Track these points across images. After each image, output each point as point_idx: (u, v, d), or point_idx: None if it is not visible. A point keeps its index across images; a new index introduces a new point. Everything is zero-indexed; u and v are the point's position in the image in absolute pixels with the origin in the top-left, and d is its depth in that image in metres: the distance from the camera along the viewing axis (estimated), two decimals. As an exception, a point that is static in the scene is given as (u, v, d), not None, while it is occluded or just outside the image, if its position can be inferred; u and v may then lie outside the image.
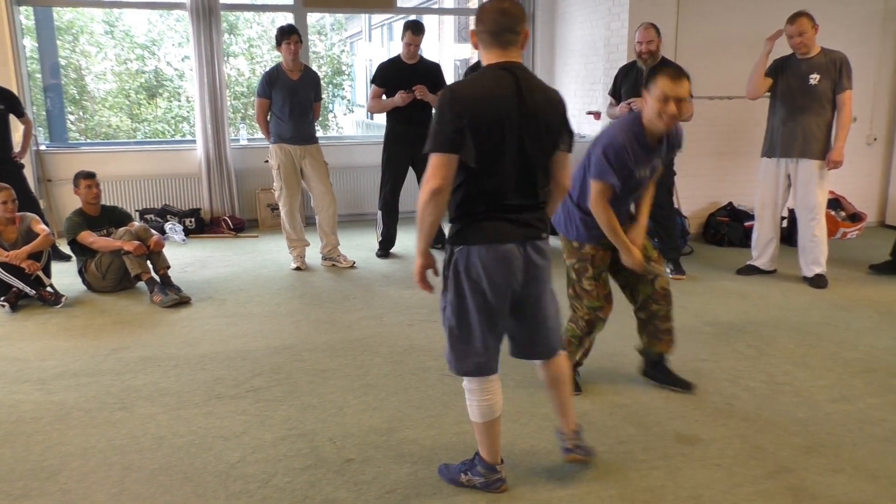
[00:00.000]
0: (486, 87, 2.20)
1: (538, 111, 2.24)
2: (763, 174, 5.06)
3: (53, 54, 7.56)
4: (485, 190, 2.24)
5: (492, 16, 2.22)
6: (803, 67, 4.76)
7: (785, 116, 4.85)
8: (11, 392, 3.35)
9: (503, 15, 2.21)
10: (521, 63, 2.28)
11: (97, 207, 5.06)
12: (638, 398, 3.21)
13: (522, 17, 2.26)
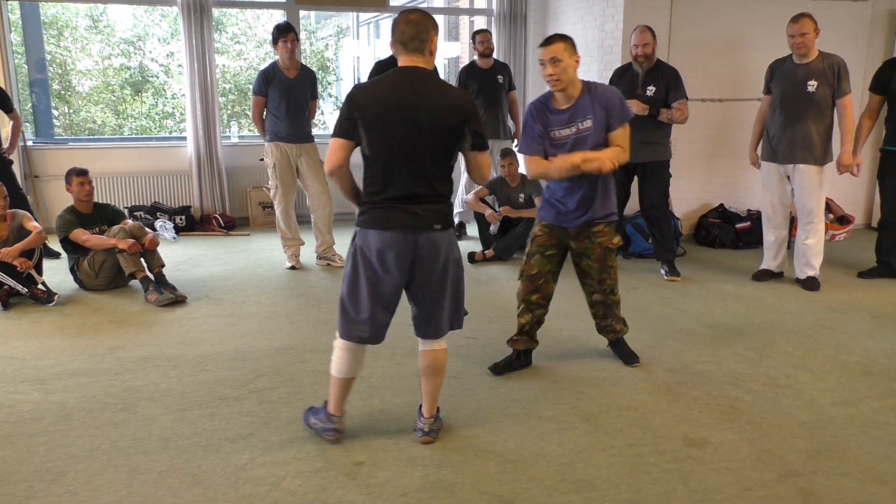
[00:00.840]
0: (381, 89, 2.55)
1: (430, 112, 2.51)
2: (765, 178, 5.08)
3: (40, 49, 7.45)
4: (377, 178, 2.58)
5: (401, 27, 2.55)
6: (800, 73, 4.75)
7: (784, 123, 4.83)
8: (10, 392, 3.29)
9: (410, 25, 2.54)
10: (425, 68, 2.57)
11: (89, 205, 5.00)
12: (644, 401, 3.23)
13: (428, 27, 2.55)
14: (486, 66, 6.28)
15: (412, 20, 2.53)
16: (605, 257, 3.40)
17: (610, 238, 3.40)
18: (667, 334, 4.09)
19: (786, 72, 4.83)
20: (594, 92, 3.17)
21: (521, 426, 2.98)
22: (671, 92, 5.03)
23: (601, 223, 3.35)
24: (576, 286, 4.96)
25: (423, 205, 2.58)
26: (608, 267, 3.44)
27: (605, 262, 3.41)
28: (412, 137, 2.52)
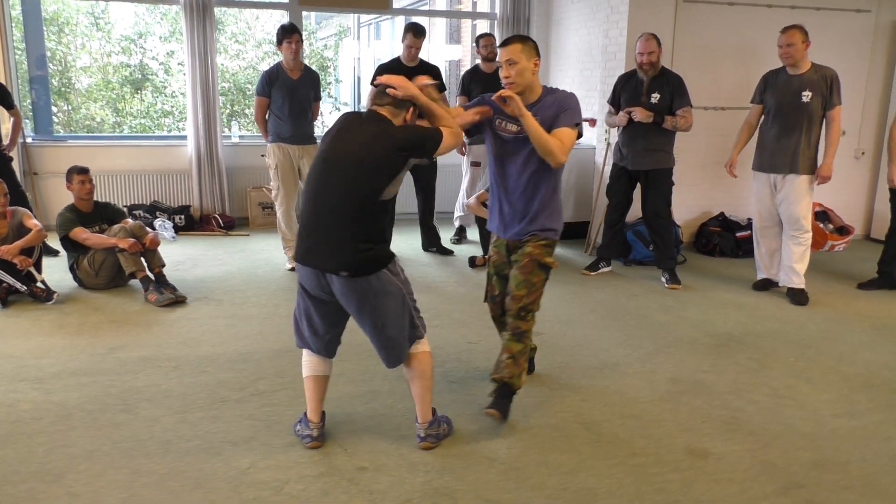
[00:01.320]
0: (332, 126, 2.70)
1: (346, 154, 2.55)
2: (757, 188, 5.11)
3: (40, 46, 7.41)
4: (301, 210, 2.74)
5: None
6: (795, 84, 4.78)
7: (778, 133, 4.85)
8: (9, 391, 3.27)
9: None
10: (375, 111, 2.66)
11: (90, 203, 4.97)
12: (646, 410, 3.23)
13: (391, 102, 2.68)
14: (490, 70, 6.27)
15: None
16: (531, 271, 3.00)
17: (543, 254, 3.03)
18: (668, 342, 4.09)
19: (781, 83, 4.85)
20: (552, 96, 2.96)
21: (523, 433, 2.97)
22: (676, 99, 5.04)
23: (537, 237, 3.03)
24: (576, 292, 5.00)
25: (326, 246, 2.55)
26: (530, 283, 2.99)
27: (528, 275, 2.99)
28: (327, 181, 2.57)
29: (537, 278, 3.02)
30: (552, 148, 2.84)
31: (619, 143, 5.35)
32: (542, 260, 3.02)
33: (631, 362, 3.78)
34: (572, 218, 6.75)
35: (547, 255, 3.05)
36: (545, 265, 3.04)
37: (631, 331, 4.28)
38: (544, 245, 3.04)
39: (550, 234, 3.06)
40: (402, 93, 2.65)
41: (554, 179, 3.04)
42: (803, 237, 4.87)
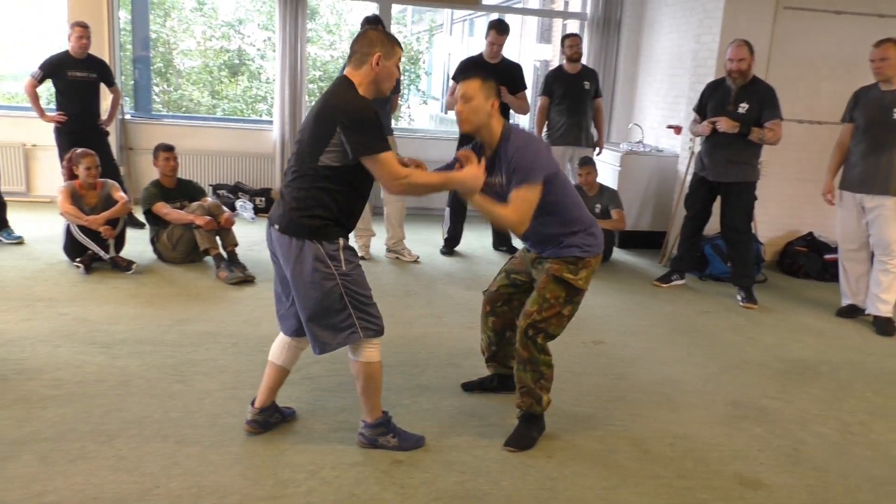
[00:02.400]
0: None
1: (312, 115, 2.55)
2: (843, 208, 4.82)
3: (145, 28, 7.77)
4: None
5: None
6: (887, 100, 4.49)
7: (866, 151, 4.58)
8: (79, 353, 3.44)
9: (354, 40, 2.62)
10: (343, 76, 2.57)
11: (173, 180, 5.18)
12: (700, 432, 3.08)
13: (361, 39, 2.57)
14: (574, 72, 6.15)
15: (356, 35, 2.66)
16: (545, 285, 2.79)
17: (563, 269, 2.80)
18: (734, 364, 3.91)
19: (871, 99, 4.57)
20: (509, 143, 2.70)
21: (566, 443, 2.89)
22: (765, 111, 4.80)
23: (559, 255, 2.83)
24: (644, 303, 4.85)
25: (284, 202, 2.58)
26: (543, 298, 2.78)
27: (542, 289, 2.80)
28: (300, 137, 2.60)
29: (552, 294, 2.78)
30: (507, 224, 2.70)
31: (701, 153, 5.15)
32: (560, 274, 2.79)
33: (691, 381, 3.63)
34: (649, 227, 6.56)
35: (568, 270, 2.80)
36: (564, 280, 2.79)
37: (696, 348, 4.11)
38: (566, 262, 2.81)
39: (574, 251, 2.81)
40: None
41: (563, 214, 2.81)
42: (892, 263, 4.56)
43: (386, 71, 2.56)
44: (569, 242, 2.81)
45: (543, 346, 2.81)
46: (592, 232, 2.88)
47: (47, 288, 4.37)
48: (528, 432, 2.86)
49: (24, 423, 2.76)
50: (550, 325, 2.79)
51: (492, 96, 2.71)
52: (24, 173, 6.76)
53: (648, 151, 6.57)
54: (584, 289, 2.85)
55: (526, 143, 2.70)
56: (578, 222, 2.85)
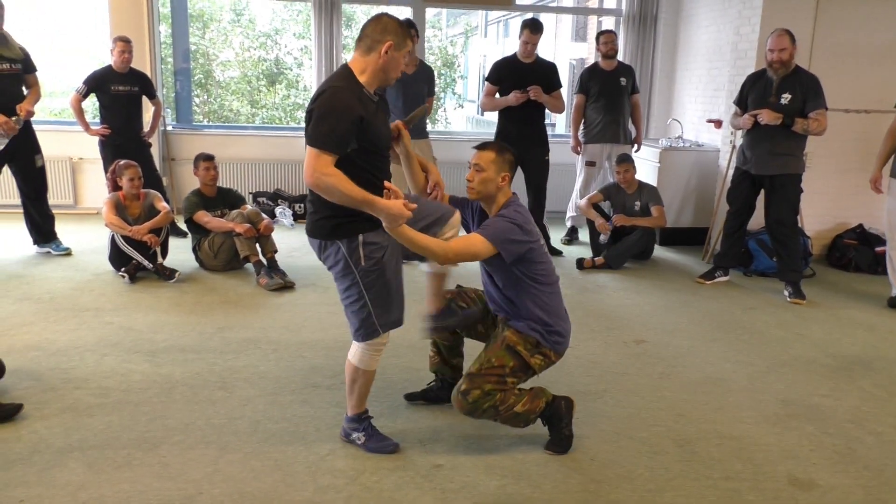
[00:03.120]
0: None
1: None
2: (893, 196, 4.66)
3: (185, 40, 7.93)
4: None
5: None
6: None
7: None
8: (124, 361, 3.51)
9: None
10: (345, 65, 2.55)
11: (213, 189, 5.26)
12: (748, 431, 3.00)
13: (374, 24, 2.51)
14: (609, 68, 6.08)
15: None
16: (495, 351, 2.67)
17: (520, 342, 2.67)
18: (783, 361, 3.80)
19: None
20: (500, 211, 2.70)
21: (609, 445, 2.84)
22: (809, 101, 4.67)
23: (518, 331, 2.71)
24: (687, 301, 4.75)
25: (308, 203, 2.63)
26: (489, 361, 2.65)
27: (490, 353, 2.68)
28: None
29: (498, 360, 2.65)
30: (431, 253, 2.49)
31: (742, 146, 5.03)
32: (515, 346, 2.66)
33: (738, 379, 3.54)
34: (691, 223, 6.44)
35: (524, 346, 2.67)
36: (517, 353, 2.66)
37: (742, 345, 4.01)
38: (526, 338, 2.68)
39: (535, 335, 2.68)
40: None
41: (533, 296, 2.68)
42: None
43: (394, 61, 2.50)
44: (533, 327, 2.69)
45: (476, 404, 2.63)
46: (558, 330, 2.72)
47: (94, 298, 4.47)
48: (558, 434, 2.79)
49: (71, 431, 2.82)
50: (487, 383, 2.63)
51: (504, 170, 2.67)
52: (71, 186, 6.95)
53: (688, 147, 6.44)
54: (536, 371, 2.71)
55: (511, 215, 2.63)
56: (546, 316, 2.70)
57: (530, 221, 2.70)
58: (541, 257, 2.71)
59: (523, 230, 2.63)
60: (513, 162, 2.74)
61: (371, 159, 2.53)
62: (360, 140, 2.46)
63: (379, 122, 2.54)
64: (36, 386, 3.19)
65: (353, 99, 2.42)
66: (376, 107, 2.54)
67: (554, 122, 10.74)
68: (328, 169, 2.35)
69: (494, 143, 2.78)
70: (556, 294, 2.78)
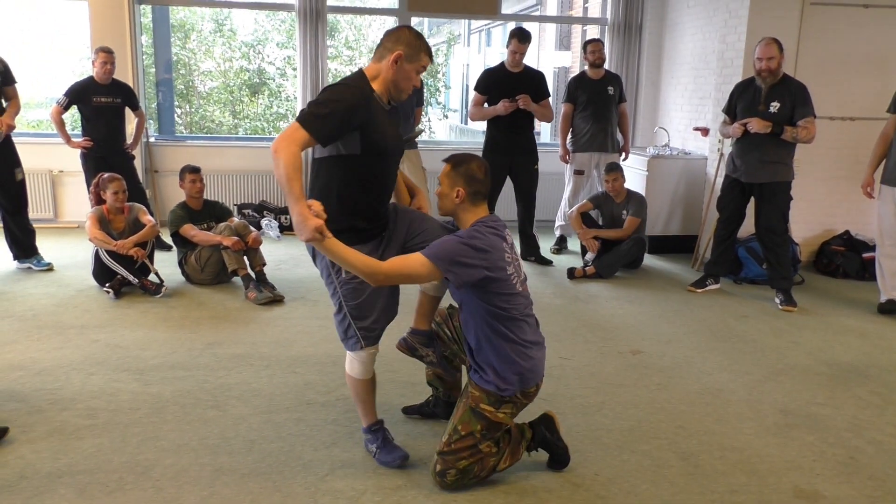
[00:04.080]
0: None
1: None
2: (882, 203, 4.69)
3: (167, 51, 7.84)
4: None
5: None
6: None
7: None
8: (112, 380, 3.41)
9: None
10: (360, 68, 2.56)
11: (200, 201, 5.17)
12: (750, 443, 2.98)
13: (391, 34, 2.50)
14: (597, 77, 6.08)
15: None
16: (460, 416, 2.54)
17: (481, 399, 2.51)
18: (778, 370, 3.79)
19: None
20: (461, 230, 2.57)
21: (613, 459, 2.81)
22: (797, 109, 4.69)
23: (477, 385, 2.55)
24: (679, 310, 4.73)
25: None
26: (457, 432, 2.52)
27: (456, 420, 2.55)
28: None
29: (465, 427, 2.51)
30: (360, 270, 2.35)
31: (732, 154, 5.04)
32: (477, 405, 2.51)
33: (735, 389, 3.52)
34: (679, 231, 6.45)
35: (487, 401, 2.50)
36: (482, 415, 2.50)
37: (737, 354, 4.00)
38: (486, 392, 2.51)
39: (491, 387, 2.49)
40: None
41: (493, 339, 2.48)
42: None
43: (403, 73, 2.47)
44: (488, 378, 2.50)
45: (455, 483, 2.53)
46: (517, 373, 2.49)
47: (78, 314, 4.36)
48: (554, 451, 2.70)
49: (60, 454, 2.72)
50: (461, 460, 2.50)
51: (458, 185, 2.48)
52: (51, 199, 6.82)
53: (675, 155, 6.46)
54: (507, 423, 2.57)
55: (468, 235, 2.43)
56: (498, 362, 2.49)
57: (496, 247, 2.43)
58: (504, 288, 2.44)
59: (478, 253, 2.38)
60: (473, 175, 2.49)
61: (372, 163, 2.50)
62: (364, 142, 2.43)
63: (384, 126, 2.50)
64: (21, 408, 3.09)
65: (359, 97, 2.40)
66: (386, 113, 2.52)
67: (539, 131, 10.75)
68: (291, 146, 2.26)
69: (455, 156, 2.57)
70: (520, 329, 2.52)
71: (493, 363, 2.50)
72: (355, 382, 2.71)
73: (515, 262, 2.54)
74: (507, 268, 2.47)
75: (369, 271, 2.35)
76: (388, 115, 2.54)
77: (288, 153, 2.25)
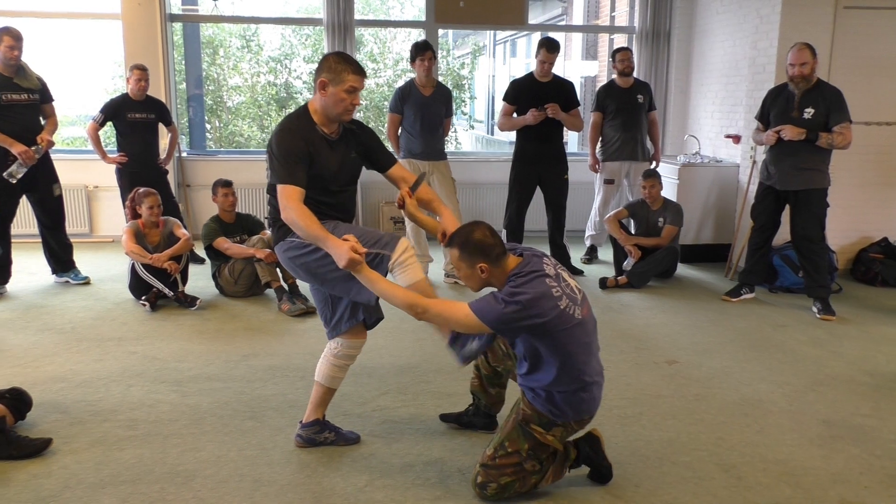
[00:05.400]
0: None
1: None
2: None
3: (198, 67, 7.96)
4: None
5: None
6: None
7: None
8: (151, 391, 3.45)
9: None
10: (306, 102, 2.77)
11: (232, 215, 5.23)
12: (793, 454, 2.92)
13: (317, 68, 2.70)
14: (626, 86, 6.05)
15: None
16: (509, 432, 2.52)
17: (534, 419, 2.48)
18: (819, 380, 3.72)
19: None
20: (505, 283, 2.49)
21: (653, 471, 2.77)
22: (832, 114, 4.62)
23: (530, 403, 2.52)
24: (715, 320, 4.67)
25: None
26: (503, 448, 2.50)
27: (503, 436, 2.52)
28: None
29: (514, 447, 2.48)
30: (401, 303, 2.45)
31: (766, 161, 4.98)
32: (528, 425, 2.49)
33: (776, 399, 3.46)
34: (712, 239, 6.38)
35: (538, 422, 2.47)
36: (531, 435, 2.48)
37: (776, 364, 3.93)
38: (538, 413, 2.48)
39: (541, 408, 2.47)
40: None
41: (556, 374, 2.41)
42: None
43: (333, 97, 2.62)
44: (540, 396, 2.47)
45: (494, 496, 2.50)
46: (576, 400, 2.45)
47: (116, 327, 4.42)
48: (597, 468, 2.66)
49: (102, 465, 2.76)
50: (504, 477, 2.48)
51: (477, 261, 2.41)
52: (87, 214, 6.94)
53: (707, 162, 6.40)
54: (556, 447, 2.53)
55: (509, 295, 2.35)
56: (554, 386, 2.44)
57: (539, 291, 2.34)
58: (561, 324, 2.35)
59: (525, 309, 2.31)
60: (483, 244, 2.40)
61: (317, 191, 2.67)
62: (309, 174, 2.63)
63: (326, 158, 2.67)
64: (63, 419, 3.14)
65: (299, 139, 2.62)
66: (329, 143, 2.69)
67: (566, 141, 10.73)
68: (291, 202, 2.55)
69: (454, 238, 2.47)
70: (578, 363, 2.43)
71: (549, 395, 2.45)
72: (339, 371, 2.88)
73: (567, 289, 2.42)
74: (560, 302, 2.36)
75: (409, 303, 2.43)
76: (330, 147, 2.70)
77: (294, 211, 2.53)
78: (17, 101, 4.92)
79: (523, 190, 5.74)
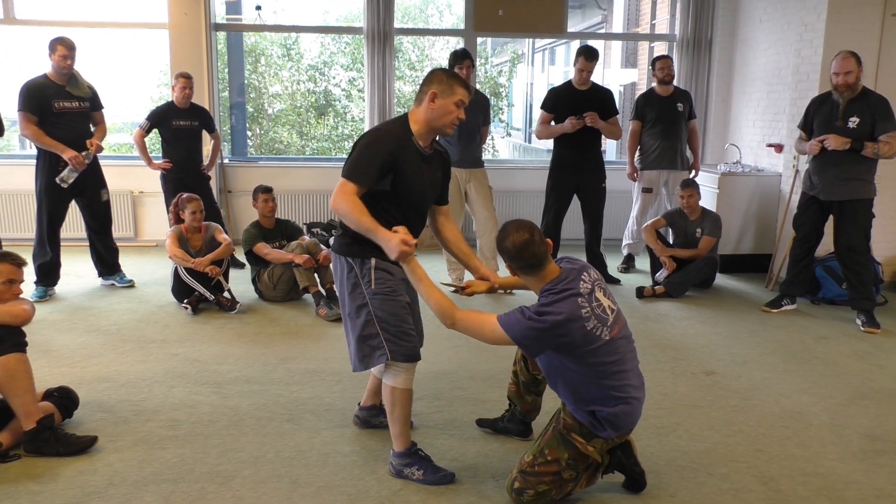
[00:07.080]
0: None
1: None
2: None
3: (240, 75, 8.12)
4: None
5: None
6: None
7: None
8: (192, 393, 3.53)
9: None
10: (406, 112, 2.72)
11: (272, 220, 5.32)
12: (834, 468, 2.87)
13: (425, 78, 2.69)
14: (666, 94, 6.01)
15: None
16: (549, 440, 2.53)
17: (574, 429, 2.50)
18: (863, 393, 3.64)
19: None
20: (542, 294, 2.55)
21: (690, 482, 2.74)
22: (878, 123, 4.53)
23: (571, 413, 2.54)
24: (755, 331, 4.60)
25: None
26: (542, 455, 2.50)
27: (543, 444, 2.54)
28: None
29: (554, 455, 2.49)
30: (435, 309, 2.50)
31: (808, 171, 4.90)
32: (568, 434, 2.51)
33: (817, 412, 3.40)
34: (752, 250, 6.28)
35: (579, 432, 2.49)
36: (572, 444, 2.49)
37: (817, 377, 3.86)
38: (580, 423, 2.50)
39: (587, 419, 2.48)
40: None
41: (576, 382, 2.46)
42: None
43: (442, 109, 2.61)
44: (580, 409, 2.49)
45: (531, 503, 2.51)
46: (613, 413, 2.45)
47: (159, 329, 4.53)
48: (630, 475, 2.65)
49: (145, 464, 2.83)
50: (542, 485, 2.49)
51: (509, 263, 2.51)
52: (132, 219, 7.12)
53: (748, 172, 6.31)
54: (595, 459, 2.52)
55: (536, 314, 2.38)
56: (587, 404, 2.47)
57: (566, 313, 2.34)
58: (587, 344, 2.37)
59: (551, 329, 2.34)
60: (519, 250, 2.42)
61: (400, 202, 2.64)
62: (394, 183, 2.59)
63: (414, 174, 2.61)
64: (108, 418, 3.23)
65: (392, 142, 2.58)
66: (422, 159, 2.64)
67: (605, 149, 10.68)
68: (346, 196, 2.51)
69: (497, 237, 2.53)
70: (610, 380, 2.43)
71: (588, 408, 2.47)
72: (401, 396, 2.69)
73: (598, 308, 2.41)
74: (587, 323, 2.37)
75: (442, 311, 2.48)
76: (422, 160, 2.66)
77: (345, 202, 2.50)
78: (69, 109, 5.08)
79: (561, 198, 5.73)
